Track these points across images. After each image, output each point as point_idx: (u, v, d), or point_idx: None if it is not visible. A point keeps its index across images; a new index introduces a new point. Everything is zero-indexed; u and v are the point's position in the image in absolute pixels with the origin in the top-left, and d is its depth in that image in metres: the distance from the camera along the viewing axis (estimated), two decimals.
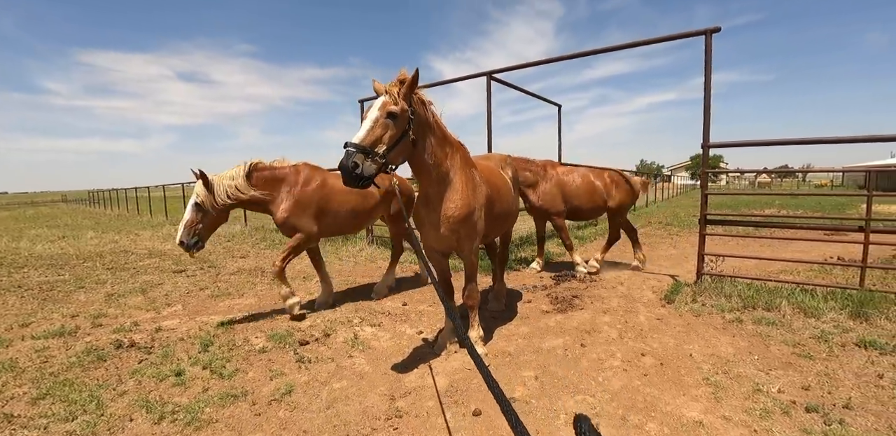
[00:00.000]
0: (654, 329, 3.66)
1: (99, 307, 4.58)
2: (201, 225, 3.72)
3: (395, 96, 2.45)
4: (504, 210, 3.46)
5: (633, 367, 2.98)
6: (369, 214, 4.48)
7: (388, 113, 2.40)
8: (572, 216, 5.80)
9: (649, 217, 13.19)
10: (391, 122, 2.40)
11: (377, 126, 2.37)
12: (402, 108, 2.44)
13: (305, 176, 4.07)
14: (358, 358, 3.13)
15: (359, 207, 4.33)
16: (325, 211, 4.11)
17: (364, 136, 2.32)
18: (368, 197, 4.37)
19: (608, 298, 4.54)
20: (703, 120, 4.54)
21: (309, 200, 3.99)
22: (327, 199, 4.11)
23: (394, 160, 2.49)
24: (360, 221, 4.47)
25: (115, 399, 2.62)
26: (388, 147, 2.39)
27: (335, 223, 4.24)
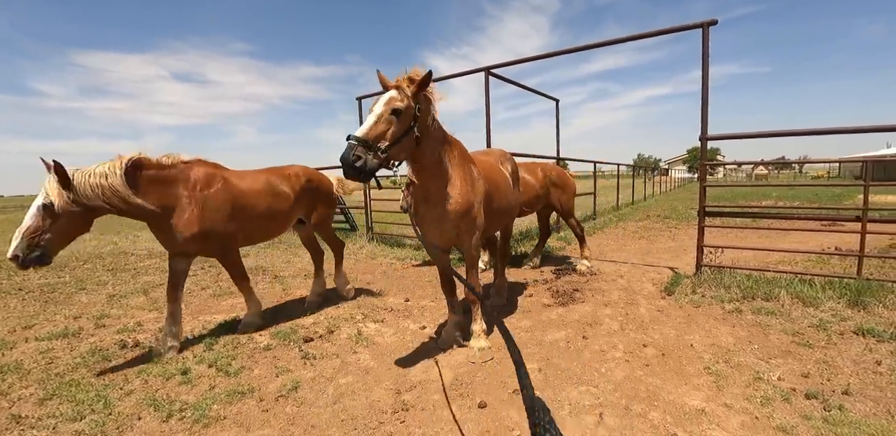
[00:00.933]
0: (654, 321, 3.70)
1: (101, 308, 4.59)
2: (48, 235, 2.75)
3: (405, 93, 2.46)
4: (503, 205, 3.48)
5: (635, 358, 3.01)
6: (286, 216, 3.90)
7: (394, 109, 2.41)
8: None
9: (647, 211, 13.24)
10: (395, 118, 2.41)
11: (381, 121, 2.38)
12: (409, 105, 2.45)
13: (205, 175, 3.32)
14: (363, 354, 3.16)
15: (273, 210, 3.74)
16: (238, 216, 3.45)
17: (367, 130, 2.33)
18: (281, 197, 3.80)
19: (609, 291, 4.57)
20: (701, 113, 4.56)
21: (219, 203, 3.30)
22: (237, 201, 3.44)
23: (396, 156, 2.49)
24: (276, 226, 3.88)
25: (123, 398, 2.64)
26: (391, 143, 2.40)
27: (249, 230, 3.62)
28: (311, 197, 4.12)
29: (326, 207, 4.38)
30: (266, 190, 3.70)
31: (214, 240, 3.33)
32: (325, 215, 4.39)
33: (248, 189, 3.58)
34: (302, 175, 4.07)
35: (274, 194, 3.75)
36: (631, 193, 15.97)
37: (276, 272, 6.00)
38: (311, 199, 4.13)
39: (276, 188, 3.78)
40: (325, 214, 4.38)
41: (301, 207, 4.06)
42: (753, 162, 4.95)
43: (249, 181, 3.64)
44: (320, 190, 4.22)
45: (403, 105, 2.42)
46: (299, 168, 4.16)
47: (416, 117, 2.50)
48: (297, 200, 3.96)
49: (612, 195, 15.46)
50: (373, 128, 2.34)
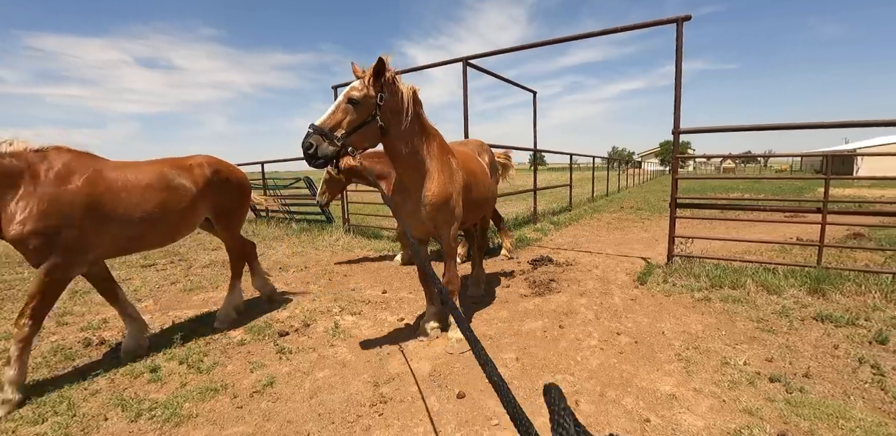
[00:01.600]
0: (628, 309, 3.79)
1: (63, 305, 4.37)
2: None
3: (364, 83, 2.50)
4: (481, 196, 3.48)
5: (609, 346, 3.08)
6: (184, 216, 3.18)
7: (349, 98, 2.47)
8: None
9: (622, 202, 13.52)
10: (352, 107, 2.47)
11: (338, 110, 2.46)
12: (367, 94, 2.48)
13: (63, 166, 2.63)
14: (340, 347, 3.12)
15: (165, 208, 3.02)
16: (107, 217, 2.74)
17: (325, 119, 2.43)
18: (178, 193, 3.11)
19: (584, 281, 4.65)
20: (674, 106, 4.64)
21: (71, 202, 2.58)
22: (106, 198, 2.74)
23: (354, 144, 2.54)
24: (171, 228, 3.15)
25: (87, 399, 2.54)
26: (347, 131, 2.46)
27: (127, 234, 2.88)
28: (218, 192, 3.44)
29: (234, 203, 3.66)
30: (156, 184, 3.00)
31: (48, 246, 2.51)
32: (233, 212, 3.68)
33: (128, 184, 2.88)
34: (207, 166, 3.39)
35: (167, 189, 3.05)
36: (606, 185, 16.26)
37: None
38: (218, 193, 3.44)
39: (170, 182, 3.09)
40: (234, 211, 3.68)
41: (206, 204, 3.37)
42: (722, 155, 5.11)
43: (131, 174, 2.94)
44: (230, 183, 3.55)
45: (360, 94, 2.47)
46: (203, 158, 3.48)
47: (377, 106, 2.52)
48: (201, 195, 3.28)
49: (588, 187, 15.72)
50: (330, 117, 2.43)
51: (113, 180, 2.83)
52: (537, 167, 9.00)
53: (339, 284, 4.81)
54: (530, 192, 8.74)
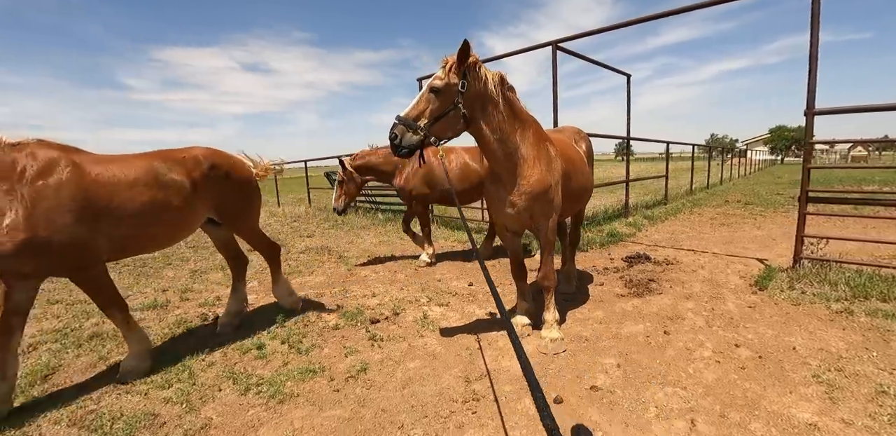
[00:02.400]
0: (746, 318, 3.33)
1: (185, 282, 4.91)
2: None
3: (445, 71, 2.46)
4: (580, 186, 3.25)
5: (726, 359, 2.72)
6: (182, 216, 2.82)
7: (431, 88, 2.44)
8: (445, 201, 5.42)
9: (726, 195, 12.16)
10: (434, 96, 2.45)
11: (421, 100, 2.46)
12: (448, 83, 2.44)
13: (43, 161, 2.32)
14: (429, 338, 3.11)
15: (158, 207, 2.65)
16: (97, 216, 2.43)
17: (409, 110, 2.46)
18: (171, 190, 2.73)
19: (689, 283, 4.20)
20: (808, 83, 3.95)
21: (61, 199, 2.30)
22: (92, 194, 2.42)
23: (437, 133, 2.52)
24: (167, 230, 2.81)
25: (205, 369, 2.78)
26: (430, 121, 2.44)
27: (119, 235, 2.55)
28: (219, 188, 3.03)
29: (244, 200, 3.27)
30: (145, 180, 2.64)
31: (57, 253, 2.30)
32: (241, 211, 3.29)
33: (114, 179, 2.54)
34: (204, 159, 2.99)
35: (158, 186, 2.67)
36: (706, 176, 14.75)
37: (340, 253, 6.13)
38: (219, 191, 3.04)
39: (162, 177, 2.71)
40: (242, 209, 3.29)
41: (206, 202, 2.98)
42: (865, 140, 4.25)
43: (117, 169, 2.59)
44: (232, 178, 3.13)
45: (441, 83, 2.44)
46: (201, 150, 3.08)
47: (459, 94, 2.45)
48: (199, 193, 2.89)
49: (683, 179, 14.38)
50: (414, 107, 2.45)
51: (95, 175, 2.49)
52: (629, 157, 8.35)
53: (424, 274, 4.85)
54: (620, 184, 8.15)
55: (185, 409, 2.34)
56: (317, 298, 4.12)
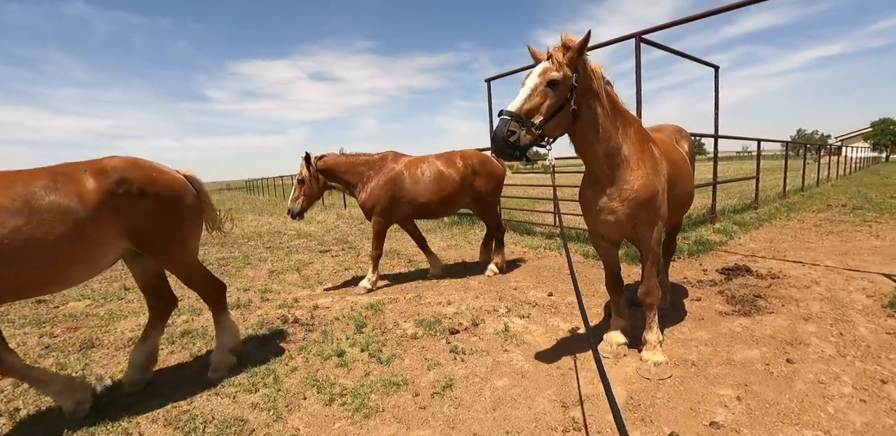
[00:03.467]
0: (887, 347, 2.82)
1: (264, 283, 5.08)
2: None
3: (560, 62, 2.15)
4: (685, 191, 2.92)
5: (874, 398, 2.28)
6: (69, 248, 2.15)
7: (550, 81, 2.13)
8: (425, 214, 4.83)
9: (826, 199, 10.84)
10: (551, 90, 2.14)
11: (535, 94, 2.14)
12: (566, 74, 2.14)
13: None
14: (514, 353, 2.91)
15: (23, 243, 2.02)
16: None
17: (521, 103, 2.12)
18: (47, 215, 2.09)
19: (804, 301, 3.67)
20: None
21: None
22: None
23: (550, 132, 2.23)
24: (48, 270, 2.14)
25: (289, 375, 2.77)
26: (546, 118, 2.15)
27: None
28: (132, 209, 2.34)
29: (170, 225, 2.51)
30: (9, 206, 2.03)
31: None
32: (166, 239, 2.52)
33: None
34: (112, 172, 2.32)
35: (29, 213, 2.05)
36: (800, 177, 13.29)
37: (409, 257, 6.11)
38: (132, 212, 2.34)
39: (36, 201, 2.09)
40: (167, 236, 2.52)
41: (113, 227, 2.30)
42: None
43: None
44: (149, 196, 2.40)
45: (560, 75, 2.13)
46: (113, 161, 2.41)
47: (573, 88, 2.17)
48: (101, 216, 2.24)
49: (772, 180, 13.06)
50: (526, 101, 2.12)
51: None
52: (717, 157, 7.64)
53: (498, 281, 4.66)
54: (707, 186, 7.48)
55: (273, 417, 2.32)
56: (391, 303, 4.07)
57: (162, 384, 2.75)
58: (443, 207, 4.73)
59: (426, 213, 4.77)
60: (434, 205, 4.62)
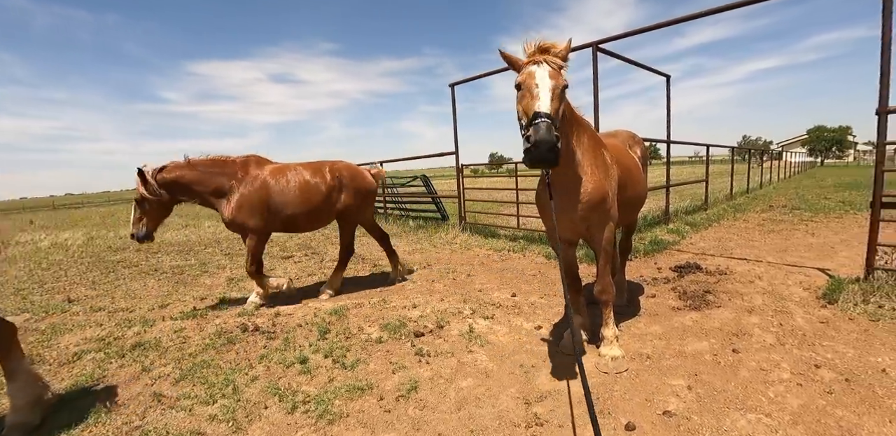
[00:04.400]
0: (820, 335, 3.05)
1: (223, 291, 4.91)
2: None
3: (559, 70, 2.13)
4: (636, 194, 3.06)
5: (809, 382, 2.46)
6: None
7: (565, 85, 2.14)
8: (287, 228, 4.36)
9: (768, 200, 11.61)
10: (562, 94, 2.13)
11: (555, 97, 2.06)
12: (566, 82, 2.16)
13: None
14: (478, 354, 2.95)
15: None
16: None
17: (549, 105, 2.00)
18: None
19: (748, 295, 3.92)
20: (880, 80, 3.66)
21: None
22: None
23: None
24: None
25: (249, 384, 2.69)
26: (560, 122, 2.12)
27: None
28: None
29: None
30: None
31: None
32: None
33: None
34: None
35: None
36: (745, 180, 14.15)
37: (374, 261, 6.06)
38: None
39: None
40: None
41: None
42: None
43: None
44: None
45: (566, 82, 2.14)
46: None
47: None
48: None
49: (721, 183, 13.84)
50: (551, 103, 2.02)
51: None
52: (670, 161, 8.03)
53: (463, 283, 4.70)
54: (661, 188, 7.85)
55: (232, 428, 2.25)
56: (355, 308, 4.03)
57: (112, 400, 2.61)
58: (309, 221, 4.33)
59: (292, 226, 4.32)
60: (300, 217, 4.22)
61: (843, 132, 59.47)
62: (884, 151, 3.92)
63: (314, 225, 4.51)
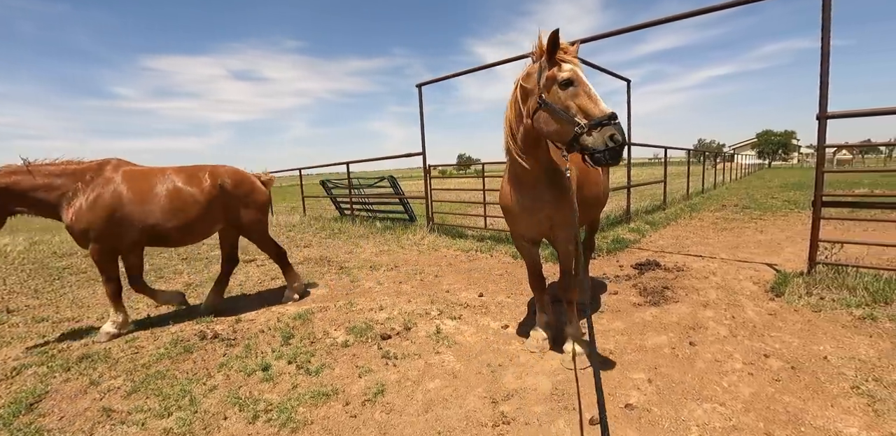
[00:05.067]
0: (769, 326, 3.23)
1: None
2: None
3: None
4: (593, 194, 3.14)
5: (759, 370, 2.60)
6: None
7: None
8: (155, 242, 3.80)
9: (722, 200, 12.21)
10: None
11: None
12: None
13: None
14: (446, 354, 2.94)
15: None
16: None
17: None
18: None
19: (704, 290, 4.10)
20: (820, 88, 3.92)
21: None
22: None
23: None
24: None
25: (207, 394, 2.58)
26: None
27: None
28: None
29: None
30: None
31: None
32: None
33: None
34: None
35: None
36: (700, 181, 14.83)
37: (340, 263, 5.95)
38: None
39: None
40: None
41: None
42: (889, 143, 4.22)
43: None
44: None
45: None
46: None
47: None
48: None
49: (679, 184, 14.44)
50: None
51: None
52: (631, 163, 8.31)
53: (431, 284, 4.68)
54: (623, 189, 8.10)
55: None
56: (321, 311, 3.93)
57: (56, 416, 2.44)
58: (182, 233, 3.77)
59: (161, 239, 3.77)
60: (171, 230, 3.68)
61: (788, 136, 63.65)
62: (824, 154, 4.20)
63: (189, 238, 3.91)
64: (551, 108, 2.11)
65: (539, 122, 2.21)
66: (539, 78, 2.18)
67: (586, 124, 1.99)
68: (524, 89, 2.29)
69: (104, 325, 3.64)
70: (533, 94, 2.22)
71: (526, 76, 2.30)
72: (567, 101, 2.07)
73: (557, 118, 2.10)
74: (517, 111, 2.36)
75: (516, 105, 2.35)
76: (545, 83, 2.15)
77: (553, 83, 2.12)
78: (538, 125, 2.22)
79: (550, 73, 2.13)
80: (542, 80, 2.16)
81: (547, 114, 2.14)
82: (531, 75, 2.25)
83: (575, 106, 2.05)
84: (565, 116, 2.06)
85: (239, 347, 3.24)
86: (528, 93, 2.27)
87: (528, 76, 2.28)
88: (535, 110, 2.21)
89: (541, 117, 2.19)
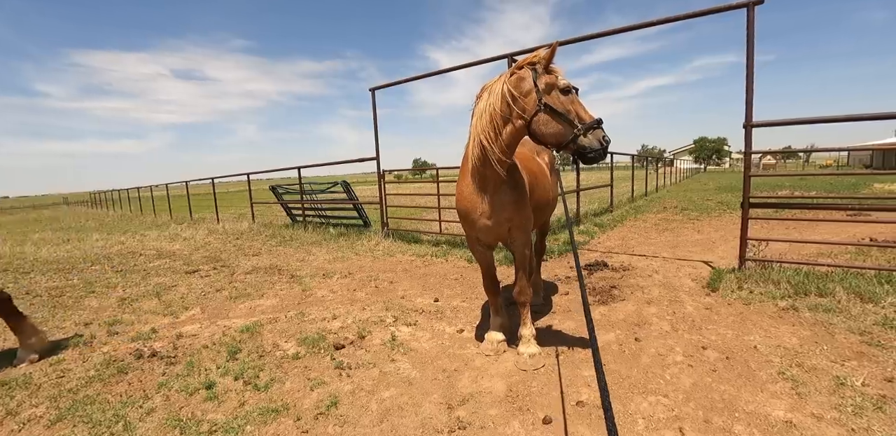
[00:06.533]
0: (706, 320, 3.45)
1: (113, 313, 4.35)
2: None
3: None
4: (543, 198, 3.23)
5: (698, 362, 2.76)
6: None
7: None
8: None
9: (663, 202, 12.94)
10: None
11: None
12: None
13: None
14: (401, 362, 2.91)
15: None
16: None
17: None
18: None
19: (648, 288, 4.31)
20: (746, 99, 4.26)
21: None
22: None
23: None
24: None
25: (143, 418, 2.40)
26: None
27: None
28: None
29: None
30: None
31: None
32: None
33: None
34: None
35: None
36: (644, 184, 15.67)
37: (291, 272, 5.75)
38: None
39: None
40: None
41: None
42: (807, 150, 4.67)
43: None
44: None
45: None
46: None
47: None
48: None
49: (624, 187, 15.18)
50: None
51: None
52: (580, 167, 8.63)
53: (386, 291, 4.63)
54: (572, 192, 8.40)
55: None
56: (270, 323, 3.78)
57: None
58: None
59: None
60: None
61: (721, 142, 68.91)
62: (750, 159, 4.56)
63: None
64: (554, 111, 2.24)
65: (538, 123, 2.30)
66: (536, 83, 2.26)
67: (583, 127, 2.19)
68: (513, 93, 2.32)
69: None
70: (526, 97, 2.29)
71: (518, 80, 2.33)
72: (567, 105, 2.25)
73: (559, 121, 2.24)
74: (504, 113, 2.36)
75: (504, 107, 2.35)
76: (545, 88, 2.27)
77: (553, 88, 2.27)
78: (535, 126, 2.31)
79: (550, 80, 2.27)
80: (540, 85, 2.26)
81: (548, 116, 2.26)
82: (524, 79, 2.30)
83: (574, 110, 2.25)
84: (567, 119, 2.22)
85: (180, 364, 3.05)
86: (518, 96, 2.31)
87: (521, 80, 2.32)
88: (534, 112, 2.28)
89: (540, 119, 2.28)
